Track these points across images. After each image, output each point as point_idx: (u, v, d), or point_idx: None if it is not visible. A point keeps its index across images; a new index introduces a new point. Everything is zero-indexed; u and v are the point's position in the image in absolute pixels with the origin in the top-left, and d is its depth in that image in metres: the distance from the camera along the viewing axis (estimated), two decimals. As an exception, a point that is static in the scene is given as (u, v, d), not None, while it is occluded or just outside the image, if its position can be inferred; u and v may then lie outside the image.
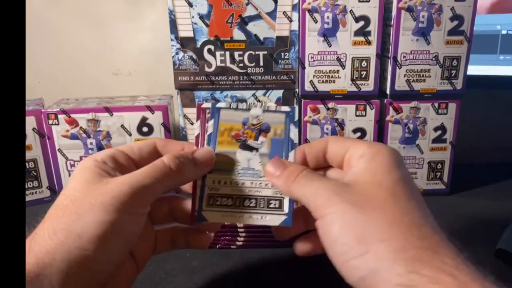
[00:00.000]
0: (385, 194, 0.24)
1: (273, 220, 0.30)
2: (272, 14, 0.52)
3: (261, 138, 0.32)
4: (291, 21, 0.52)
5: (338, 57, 0.52)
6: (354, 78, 0.52)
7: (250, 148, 0.32)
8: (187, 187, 0.32)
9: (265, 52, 0.53)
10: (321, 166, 0.31)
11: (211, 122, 0.32)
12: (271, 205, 0.30)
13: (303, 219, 0.32)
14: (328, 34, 0.51)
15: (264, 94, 0.55)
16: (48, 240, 0.23)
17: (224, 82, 0.55)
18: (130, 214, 0.25)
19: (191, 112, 0.56)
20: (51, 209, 0.26)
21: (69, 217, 0.24)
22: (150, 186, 0.26)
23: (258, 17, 0.52)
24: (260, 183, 0.31)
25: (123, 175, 0.26)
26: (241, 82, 0.55)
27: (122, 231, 0.25)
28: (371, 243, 0.22)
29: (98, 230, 0.24)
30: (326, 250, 0.25)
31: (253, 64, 0.54)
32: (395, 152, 0.27)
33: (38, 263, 0.22)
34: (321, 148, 0.30)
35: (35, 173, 0.55)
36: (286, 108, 0.33)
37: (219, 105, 0.32)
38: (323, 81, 0.53)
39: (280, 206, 0.30)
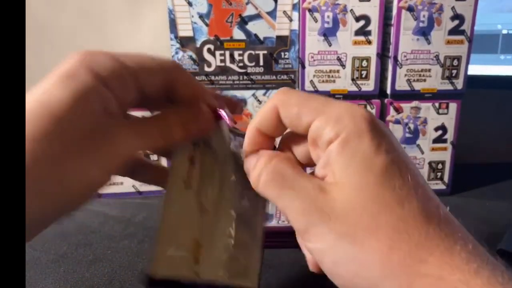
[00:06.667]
0: (374, 209, 0.19)
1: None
2: (272, 14, 0.52)
3: None
4: (291, 20, 0.52)
5: (338, 56, 0.51)
6: (355, 77, 0.52)
7: None
8: None
9: (265, 52, 0.53)
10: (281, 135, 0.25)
11: None
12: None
13: None
14: (328, 34, 0.51)
15: (264, 94, 0.55)
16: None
17: (224, 82, 0.55)
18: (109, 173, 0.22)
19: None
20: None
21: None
22: (131, 143, 0.23)
23: (258, 16, 0.52)
24: None
25: (128, 128, 0.22)
26: (241, 82, 0.55)
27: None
28: (370, 281, 0.19)
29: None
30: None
31: (253, 64, 0.54)
32: (368, 124, 0.21)
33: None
34: (274, 124, 0.24)
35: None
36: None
37: None
38: (323, 81, 0.53)
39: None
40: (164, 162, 0.53)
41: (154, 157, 0.54)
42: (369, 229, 0.19)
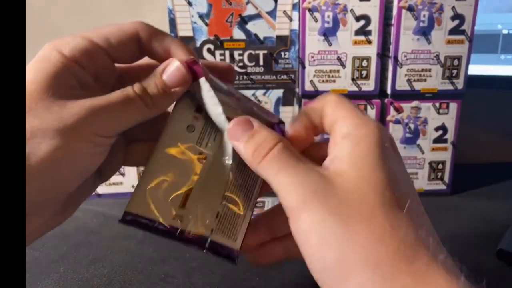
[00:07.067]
0: (373, 200, 0.20)
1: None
2: (272, 13, 0.52)
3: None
4: (291, 20, 0.52)
5: (338, 56, 0.51)
6: (355, 77, 0.52)
7: None
8: None
9: (265, 52, 0.53)
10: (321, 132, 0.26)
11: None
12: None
13: (266, 227, 0.27)
14: (328, 33, 0.51)
15: (264, 94, 0.55)
16: None
17: (224, 82, 0.54)
18: (89, 142, 0.22)
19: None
20: None
21: None
22: (115, 117, 0.23)
23: (258, 16, 0.52)
24: None
25: (86, 100, 0.22)
26: (241, 82, 0.54)
27: (78, 159, 0.23)
28: (354, 268, 0.19)
29: (49, 154, 0.21)
30: (302, 254, 0.21)
31: (253, 64, 0.54)
32: (386, 136, 0.23)
33: None
34: (319, 114, 0.25)
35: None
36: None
37: None
38: (323, 81, 0.52)
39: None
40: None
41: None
42: (364, 216, 0.20)
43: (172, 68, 0.24)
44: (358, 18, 0.50)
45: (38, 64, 0.23)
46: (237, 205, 0.25)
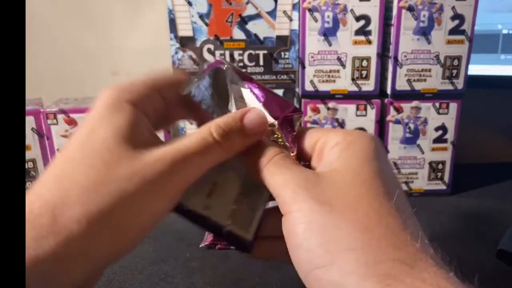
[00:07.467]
0: (360, 190, 0.21)
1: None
2: (272, 13, 0.52)
3: None
4: (291, 20, 0.52)
5: (338, 56, 0.51)
6: (355, 77, 0.52)
7: None
8: None
9: (265, 52, 0.53)
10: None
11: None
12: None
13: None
14: (328, 34, 0.51)
15: (264, 94, 0.55)
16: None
17: (224, 82, 0.54)
18: (169, 198, 0.22)
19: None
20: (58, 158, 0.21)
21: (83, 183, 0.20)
22: (196, 167, 0.22)
23: (258, 16, 0.52)
24: None
25: (163, 152, 0.22)
26: (241, 82, 0.54)
27: (155, 213, 0.22)
28: (338, 253, 0.19)
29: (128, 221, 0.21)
30: (290, 255, 0.21)
31: (253, 64, 0.54)
32: (374, 141, 0.23)
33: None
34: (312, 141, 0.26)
35: (34, 174, 0.55)
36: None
37: None
38: (323, 81, 0.52)
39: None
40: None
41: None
42: (351, 205, 0.20)
43: (254, 115, 0.25)
44: (358, 18, 0.50)
45: (109, 116, 0.22)
46: (250, 201, 0.27)
